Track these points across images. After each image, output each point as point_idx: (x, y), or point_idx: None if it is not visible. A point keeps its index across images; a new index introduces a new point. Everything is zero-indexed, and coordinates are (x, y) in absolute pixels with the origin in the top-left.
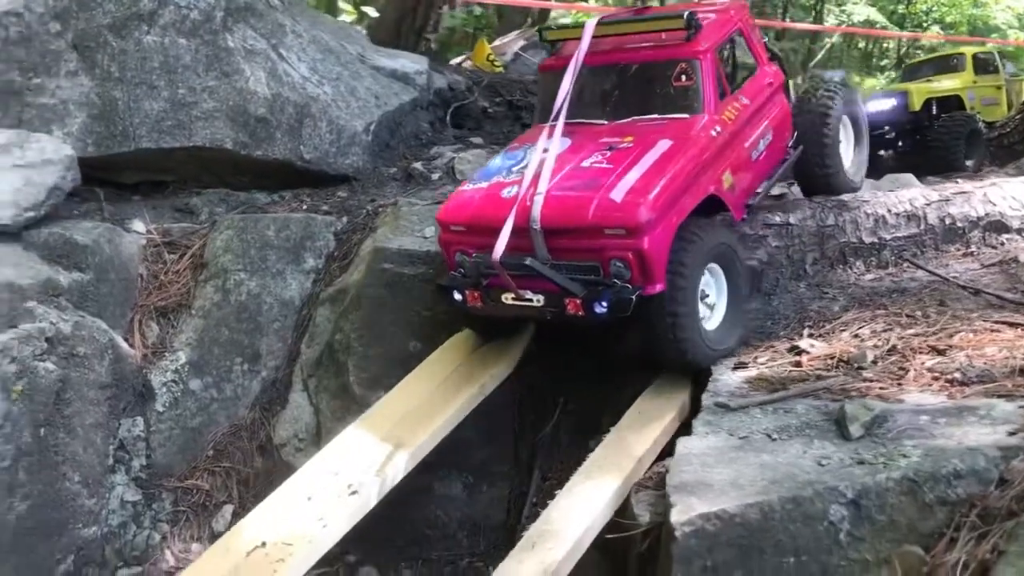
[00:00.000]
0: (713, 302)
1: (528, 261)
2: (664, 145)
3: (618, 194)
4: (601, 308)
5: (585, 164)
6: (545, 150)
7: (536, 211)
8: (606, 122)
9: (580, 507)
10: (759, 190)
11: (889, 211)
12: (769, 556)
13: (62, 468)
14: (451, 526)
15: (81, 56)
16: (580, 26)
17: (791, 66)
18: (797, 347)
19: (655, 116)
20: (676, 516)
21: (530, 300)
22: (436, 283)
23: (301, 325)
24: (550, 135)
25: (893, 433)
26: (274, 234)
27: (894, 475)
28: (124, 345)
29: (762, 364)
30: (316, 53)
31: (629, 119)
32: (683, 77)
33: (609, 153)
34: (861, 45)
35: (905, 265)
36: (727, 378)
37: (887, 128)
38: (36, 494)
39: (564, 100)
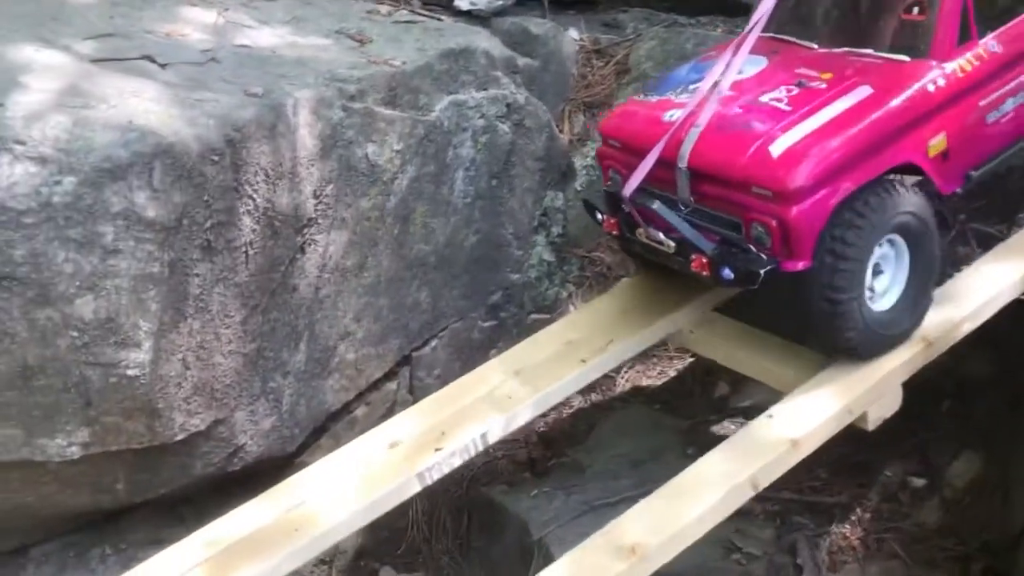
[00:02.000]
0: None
1: (655, 206)
2: (862, 93)
3: (778, 148)
4: (727, 274)
5: (764, 99)
6: (725, 71)
7: (687, 147)
8: (816, 46)
9: (986, 281)
10: (990, 160)
11: None
12: None
13: (502, 218)
14: None
15: None
16: None
17: None
18: None
19: (871, 52)
20: None
21: (661, 243)
22: (582, 198)
23: None
24: (736, 52)
25: None
26: (692, 47)
27: None
28: (555, 129)
29: None
30: None
31: (842, 49)
32: (915, 9)
33: (796, 91)
34: None
35: None
36: None
37: None
38: (484, 232)
39: (762, 16)
